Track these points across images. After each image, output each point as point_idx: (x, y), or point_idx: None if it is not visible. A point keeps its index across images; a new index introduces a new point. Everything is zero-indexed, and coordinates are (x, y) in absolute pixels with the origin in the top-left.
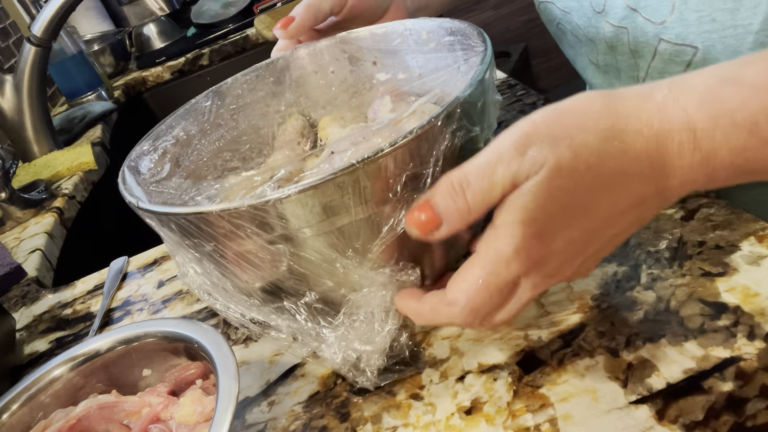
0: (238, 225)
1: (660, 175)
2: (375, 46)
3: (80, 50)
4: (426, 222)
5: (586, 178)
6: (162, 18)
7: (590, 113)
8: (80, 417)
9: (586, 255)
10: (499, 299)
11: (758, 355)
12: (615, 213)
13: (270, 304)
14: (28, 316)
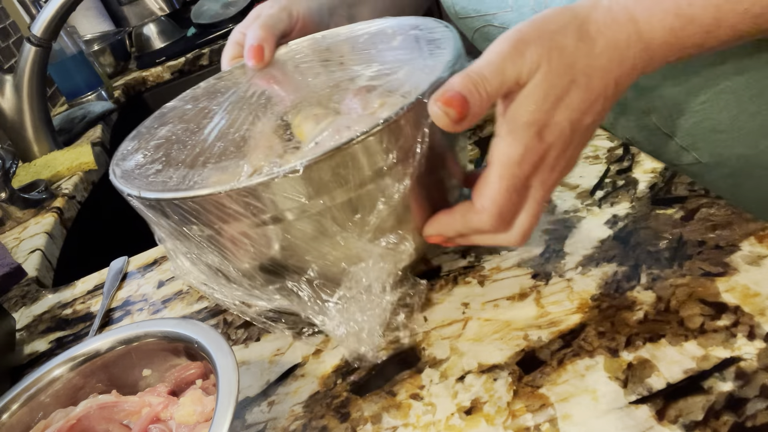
0: (245, 204)
1: (617, 65)
2: (341, 46)
3: (80, 50)
4: (459, 104)
5: (569, 74)
6: (162, 18)
7: (564, 21)
8: (80, 417)
9: (573, 145)
10: (518, 199)
11: (758, 355)
12: (590, 102)
13: (272, 284)
14: (28, 316)
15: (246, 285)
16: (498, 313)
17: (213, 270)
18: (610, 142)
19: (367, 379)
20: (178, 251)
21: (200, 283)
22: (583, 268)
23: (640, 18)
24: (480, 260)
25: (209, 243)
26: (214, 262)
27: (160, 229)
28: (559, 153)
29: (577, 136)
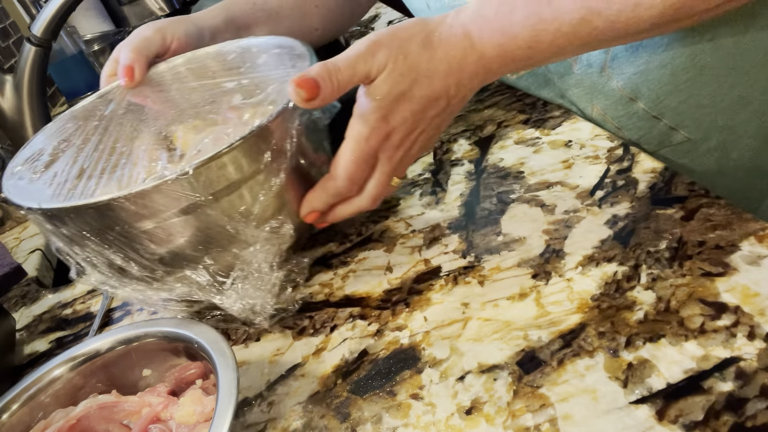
0: (144, 206)
1: (457, 71)
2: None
3: (80, 50)
4: (310, 87)
5: (412, 73)
6: (162, 18)
7: (414, 31)
8: (80, 417)
9: (417, 131)
10: (366, 167)
11: (758, 355)
12: (431, 99)
13: (174, 275)
14: (28, 316)
15: (147, 279)
16: (498, 313)
17: (115, 269)
18: (610, 142)
19: (367, 379)
20: (77, 257)
21: (101, 284)
22: (583, 268)
23: (473, 34)
24: (480, 260)
25: (111, 245)
26: (115, 261)
27: (59, 239)
28: (404, 135)
29: (422, 124)
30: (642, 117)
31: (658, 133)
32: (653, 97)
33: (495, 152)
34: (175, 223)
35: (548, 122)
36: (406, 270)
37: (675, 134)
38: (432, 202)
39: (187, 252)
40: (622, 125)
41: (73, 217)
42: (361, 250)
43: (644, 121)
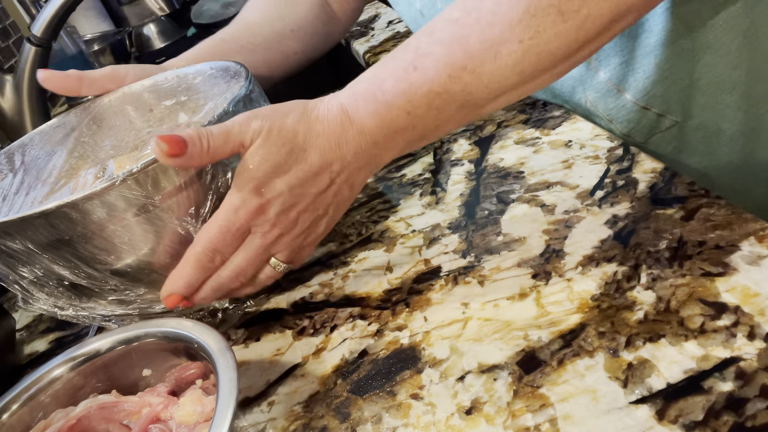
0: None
1: (336, 146)
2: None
3: (80, 50)
4: (175, 143)
5: (287, 144)
6: (162, 18)
7: (293, 108)
8: (80, 417)
9: (298, 209)
10: (233, 239)
11: (758, 355)
12: (310, 173)
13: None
14: (28, 316)
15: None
16: (498, 313)
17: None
18: (610, 142)
19: (367, 379)
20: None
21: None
22: (583, 268)
23: (349, 108)
24: (480, 260)
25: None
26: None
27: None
28: (280, 211)
29: (302, 201)
30: (631, 109)
31: (648, 122)
32: (640, 87)
33: (495, 152)
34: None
35: (548, 122)
36: (406, 270)
37: (663, 120)
38: (432, 202)
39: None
40: (612, 117)
41: (22, 230)
42: (361, 250)
43: (633, 113)
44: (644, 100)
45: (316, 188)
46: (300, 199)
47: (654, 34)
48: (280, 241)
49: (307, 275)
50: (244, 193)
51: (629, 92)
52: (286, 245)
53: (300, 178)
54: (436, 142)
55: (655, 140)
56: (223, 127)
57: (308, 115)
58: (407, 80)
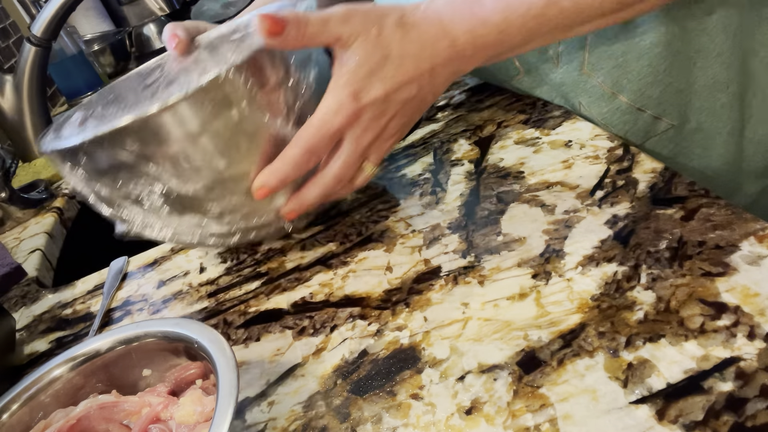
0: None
1: (429, 56)
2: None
3: (80, 50)
4: (276, 22)
5: (384, 50)
6: (162, 18)
7: (391, 11)
8: (80, 417)
9: (389, 114)
10: (330, 142)
11: (758, 355)
12: (403, 80)
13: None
14: (28, 316)
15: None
16: (498, 313)
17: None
18: (610, 142)
19: (367, 379)
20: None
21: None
22: (583, 268)
23: (445, 19)
24: (480, 260)
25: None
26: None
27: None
28: (374, 116)
29: (393, 107)
30: (626, 111)
31: (643, 124)
32: (635, 89)
33: (495, 152)
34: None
35: (548, 122)
36: (406, 270)
37: (659, 123)
38: (432, 202)
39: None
40: (607, 121)
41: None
42: (361, 250)
43: (628, 115)
44: (639, 101)
45: (406, 95)
46: (391, 106)
47: (648, 37)
48: (371, 146)
49: (307, 275)
50: (342, 98)
51: (624, 94)
52: (376, 149)
53: (393, 86)
54: (436, 142)
55: (651, 143)
56: (321, 16)
57: (405, 21)
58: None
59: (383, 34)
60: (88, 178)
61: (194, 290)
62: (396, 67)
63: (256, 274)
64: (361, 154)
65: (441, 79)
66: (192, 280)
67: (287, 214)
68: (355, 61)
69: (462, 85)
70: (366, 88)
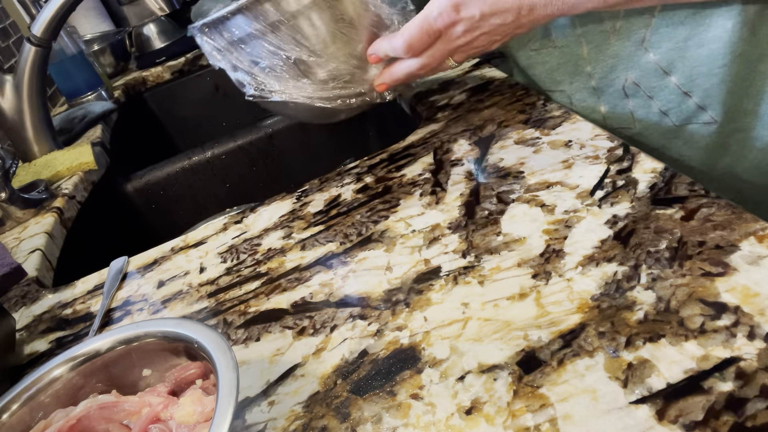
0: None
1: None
2: None
3: (80, 50)
4: None
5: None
6: (162, 18)
7: None
8: (80, 417)
9: (481, 31)
10: (427, 40)
11: (758, 355)
12: (502, 9)
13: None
14: (28, 316)
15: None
16: (498, 313)
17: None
18: (610, 142)
19: (367, 379)
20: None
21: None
22: (583, 268)
23: None
24: (480, 260)
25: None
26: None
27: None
28: (467, 28)
29: (486, 26)
30: (672, 91)
31: (686, 108)
32: (687, 73)
33: (495, 152)
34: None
35: (548, 122)
36: (406, 270)
37: (702, 113)
38: (432, 202)
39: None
40: (653, 95)
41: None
42: (361, 250)
43: (674, 95)
44: (688, 86)
45: (500, 21)
46: (484, 25)
47: (714, 29)
48: (459, 50)
49: (307, 275)
50: (445, 6)
51: (675, 75)
52: (462, 52)
53: (492, 10)
54: (436, 142)
55: (690, 129)
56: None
57: None
58: None
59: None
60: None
61: (194, 290)
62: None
63: (256, 274)
64: (447, 53)
65: (539, 15)
66: (192, 280)
67: (378, 86)
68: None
69: (462, 85)
70: (466, 4)
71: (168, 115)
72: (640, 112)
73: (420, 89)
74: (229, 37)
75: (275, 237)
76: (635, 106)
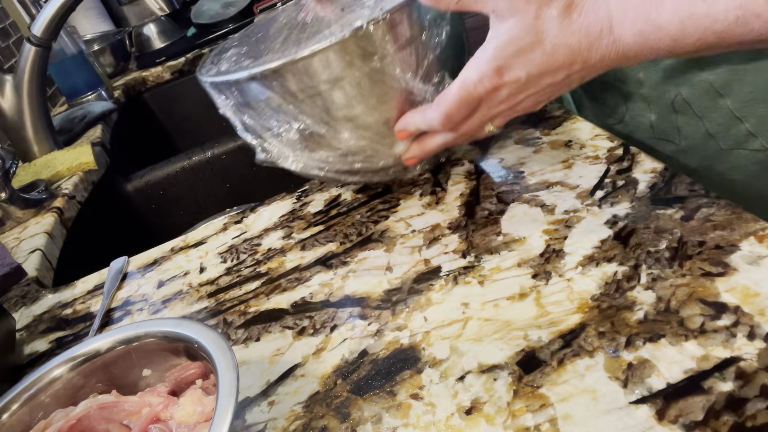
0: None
1: (586, 49)
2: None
3: (80, 50)
4: None
5: (538, 35)
6: (162, 18)
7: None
8: (80, 417)
9: (527, 93)
10: (467, 110)
11: (758, 355)
12: (551, 68)
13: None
14: (28, 316)
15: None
16: (498, 313)
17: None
18: (610, 142)
19: (367, 379)
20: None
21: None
22: (583, 268)
23: (615, 15)
24: (480, 260)
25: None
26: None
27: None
28: (511, 92)
29: (533, 87)
30: (725, 114)
31: (737, 133)
32: (742, 97)
33: (495, 152)
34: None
35: (548, 122)
36: (406, 270)
37: (753, 140)
38: (432, 202)
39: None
40: (703, 115)
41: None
42: (361, 250)
43: (726, 119)
44: (741, 111)
45: (551, 80)
46: (532, 86)
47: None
48: (501, 114)
49: (307, 275)
50: (485, 70)
51: (729, 99)
52: (503, 117)
53: (540, 70)
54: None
55: (737, 154)
56: None
57: (571, 11)
58: (689, 10)
59: (542, 17)
60: (238, 109)
61: (194, 290)
62: (547, 54)
63: (256, 274)
64: (489, 119)
65: (592, 70)
66: (192, 280)
67: (407, 160)
68: (506, 38)
69: None
70: (510, 66)
71: (168, 115)
72: (687, 129)
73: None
74: (240, 99)
75: (275, 237)
76: (683, 122)
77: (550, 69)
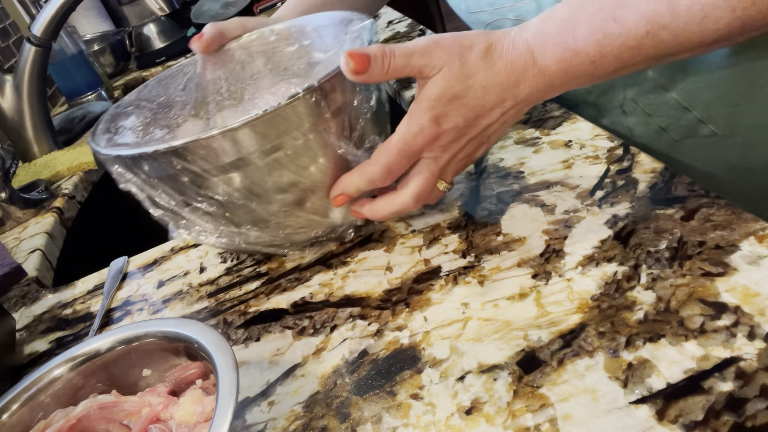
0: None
1: (514, 85)
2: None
3: (80, 50)
4: (361, 61)
5: (467, 80)
6: (162, 18)
7: (477, 41)
8: (80, 417)
9: (467, 138)
10: (407, 162)
11: (758, 355)
12: (485, 108)
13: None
14: (28, 316)
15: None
16: (498, 313)
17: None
18: (610, 142)
19: (367, 379)
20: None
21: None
22: (583, 268)
23: (535, 48)
24: (480, 260)
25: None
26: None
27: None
28: (452, 140)
29: (473, 131)
30: (672, 106)
31: (687, 123)
32: (686, 89)
33: (495, 152)
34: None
35: (548, 122)
36: (406, 270)
37: (702, 127)
38: None
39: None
40: (652, 112)
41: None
42: (361, 250)
43: (674, 110)
44: (688, 101)
45: (488, 121)
46: (471, 130)
47: None
48: (448, 165)
49: (307, 275)
50: (423, 121)
51: (675, 91)
52: (452, 168)
53: (475, 113)
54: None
55: (690, 143)
56: (404, 49)
57: (492, 52)
58: (603, 30)
59: (467, 65)
60: (142, 184)
61: (194, 290)
62: (479, 96)
63: (256, 274)
64: (438, 174)
65: (523, 105)
66: (192, 280)
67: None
68: (438, 90)
69: None
70: (446, 114)
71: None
72: (639, 129)
73: None
74: (149, 173)
75: None
76: (633, 123)
77: (485, 110)
